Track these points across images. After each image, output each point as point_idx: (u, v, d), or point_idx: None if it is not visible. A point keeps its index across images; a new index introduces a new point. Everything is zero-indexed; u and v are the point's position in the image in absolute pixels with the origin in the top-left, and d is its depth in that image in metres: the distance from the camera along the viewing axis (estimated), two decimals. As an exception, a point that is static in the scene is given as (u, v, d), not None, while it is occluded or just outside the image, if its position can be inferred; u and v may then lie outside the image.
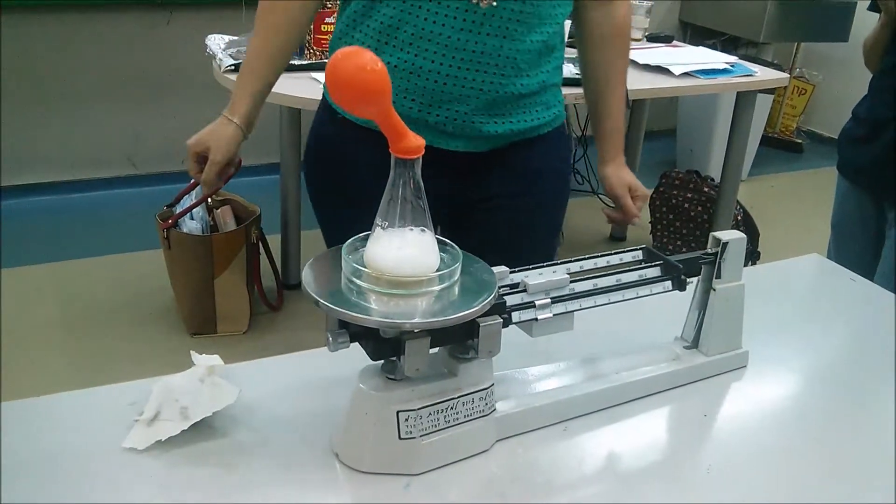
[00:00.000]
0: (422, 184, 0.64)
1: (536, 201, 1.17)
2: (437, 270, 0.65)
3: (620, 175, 1.24)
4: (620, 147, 1.25)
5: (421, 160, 0.63)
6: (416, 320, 0.62)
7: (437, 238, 0.66)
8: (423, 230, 0.65)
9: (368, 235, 0.66)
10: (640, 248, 0.81)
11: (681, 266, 0.78)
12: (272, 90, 2.05)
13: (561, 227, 1.27)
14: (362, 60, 0.61)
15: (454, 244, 0.68)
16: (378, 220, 0.65)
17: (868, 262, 1.54)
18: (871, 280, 1.15)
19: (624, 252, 0.79)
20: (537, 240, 1.21)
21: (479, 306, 0.63)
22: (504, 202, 1.14)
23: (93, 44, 3.08)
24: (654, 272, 0.77)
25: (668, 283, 0.78)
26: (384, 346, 0.64)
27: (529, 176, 1.15)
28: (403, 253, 0.63)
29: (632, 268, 0.77)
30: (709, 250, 0.81)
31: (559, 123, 1.16)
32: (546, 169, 1.17)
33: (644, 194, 1.27)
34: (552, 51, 1.09)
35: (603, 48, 1.18)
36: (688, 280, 0.78)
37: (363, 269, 0.63)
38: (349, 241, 0.67)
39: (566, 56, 1.19)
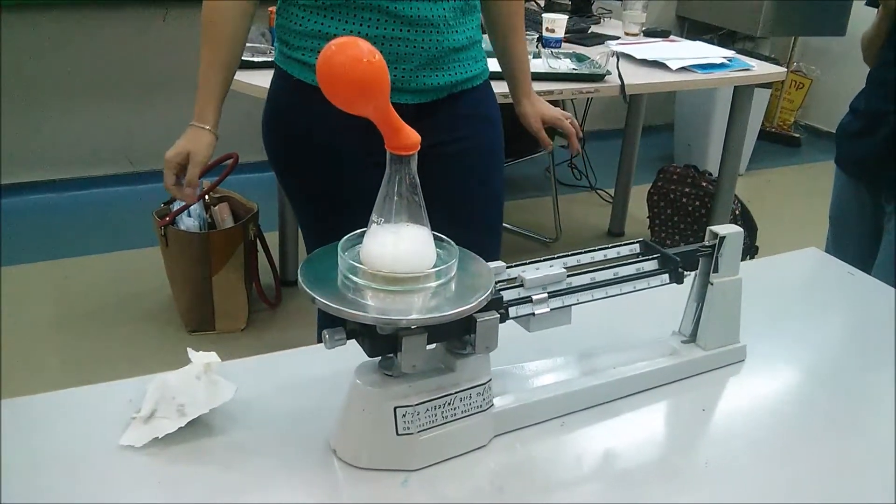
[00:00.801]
0: (417, 180, 0.64)
1: (475, 143, 1.31)
2: (434, 266, 0.64)
3: (535, 108, 1.42)
4: (529, 85, 1.43)
5: (416, 156, 0.63)
6: (412, 317, 0.62)
7: (433, 234, 0.66)
8: (419, 226, 0.64)
9: (364, 232, 0.66)
10: (638, 242, 0.81)
11: (678, 259, 0.77)
12: (266, 86, 2.06)
13: (503, 173, 1.40)
14: (359, 51, 0.58)
15: (451, 241, 0.68)
16: (374, 217, 0.64)
17: (866, 256, 1.54)
18: (869, 273, 1.15)
19: (621, 246, 0.79)
20: (483, 181, 1.35)
21: (476, 302, 0.63)
22: (448, 148, 1.27)
23: (88, 41, 3.07)
24: (651, 265, 0.77)
25: (666, 277, 0.77)
26: (381, 342, 0.64)
27: (468, 121, 1.29)
28: (400, 249, 0.63)
29: (629, 261, 0.77)
30: (706, 244, 0.81)
31: (486, 76, 1.32)
32: (480, 115, 1.32)
33: (556, 115, 1.44)
34: (473, 10, 1.25)
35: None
36: (685, 273, 0.78)
37: (359, 265, 0.63)
38: (345, 237, 0.67)
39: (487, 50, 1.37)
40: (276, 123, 1.31)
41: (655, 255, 0.78)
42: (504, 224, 3.57)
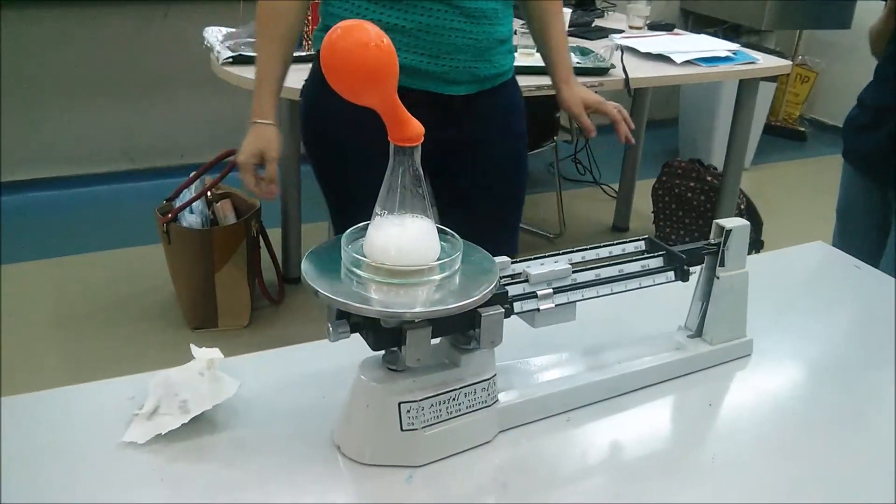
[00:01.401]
0: (421, 172, 0.63)
1: (513, 132, 1.37)
2: (438, 259, 0.64)
3: (574, 93, 1.43)
4: (570, 70, 1.44)
5: (420, 148, 0.63)
6: (416, 310, 0.61)
7: (437, 227, 0.66)
8: (423, 219, 0.64)
9: (368, 225, 0.65)
10: (643, 239, 0.80)
11: (684, 256, 0.77)
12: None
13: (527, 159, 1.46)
14: (366, 35, 0.54)
15: (455, 234, 0.67)
16: (377, 209, 0.64)
17: (873, 250, 1.54)
18: (877, 268, 1.15)
19: (626, 242, 0.78)
20: (517, 171, 1.40)
21: (480, 295, 0.62)
22: (493, 137, 1.31)
23: (89, 38, 3.07)
24: (656, 263, 0.77)
25: (671, 274, 0.77)
26: (385, 336, 0.63)
27: (506, 110, 1.34)
28: (403, 242, 0.62)
29: (634, 258, 0.76)
30: (712, 240, 0.81)
31: (513, 70, 1.36)
32: (516, 105, 1.37)
33: (597, 100, 1.44)
34: (510, 4, 1.28)
35: None
36: (691, 271, 0.78)
37: (363, 258, 0.63)
38: (348, 230, 0.66)
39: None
40: (314, 115, 1.33)
41: (661, 253, 0.77)
42: (508, 219, 3.51)
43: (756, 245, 2.68)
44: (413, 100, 1.18)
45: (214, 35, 2.21)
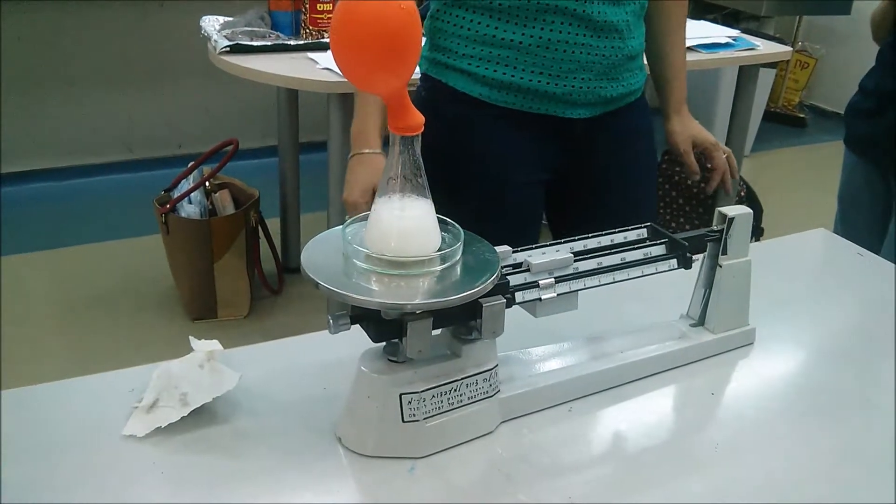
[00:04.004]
0: (421, 162, 0.62)
1: (641, 161, 1.23)
2: (439, 250, 0.63)
3: (686, 127, 1.25)
4: (683, 96, 1.26)
5: (420, 138, 0.62)
6: (417, 301, 0.61)
7: (438, 217, 0.65)
8: (423, 209, 0.63)
9: (368, 215, 0.64)
10: (645, 227, 0.79)
11: (686, 244, 0.76)
12: (267, 70, 2.04)
13: (655, 187, 1.31)
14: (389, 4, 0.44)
15: (455, 224, 0.66)
16: (377, 199, 0.63)
17: (875, 237, 1.53)
18: (879, 254, 1.14)
19: (628, 230, 0.78)
20: (645, 203, 1.25)
21: (482, 286, 0.62)
22: (614, 164, 1.18)
23: (87, 28, 3.05)
24: (658, 250, 0.76)
25: (674, 262, 0.76)
26: (386, 327, 0.63)
27: (632, 135, 1.20)
28: (404, 232, 0.62)
29: (636, 246, 0.75)
30: (714, 227, 0.80)
31: (643, 88, 1.22)
32: (643, 128, 1.22)
33: (710, 141, 1.27)
34: (644, 14, 1.15)
35: None
36: (693, 258, 0.77)
37: (363, 249, 0.62)
38: (348, 220, 0.66)
39: None
40: (427, 140, 1.18)
41: (663, 240, 0.77)
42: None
43: (756, 232, 2.68)
44: (528, 124, 1.10)
45: (211, 24, 2.19)
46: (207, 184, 2.25)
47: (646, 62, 1.23)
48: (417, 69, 1.18)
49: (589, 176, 1.18)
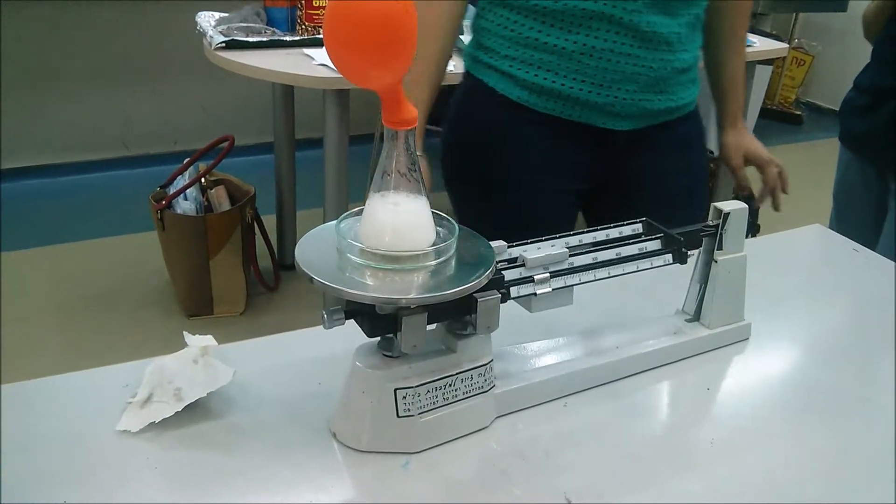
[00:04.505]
0: (416, 156, 0.62)
1: (688, 178, 1.17)
2: (433, 244, 0.63)
3: (741, 141, 1.20)
4: (741, 110, 1.21)
5: (415, 132, 0.62)
6: (412, 295, 0.60)
7: (433, 212, 0.65)
8: (418, 203, 0.63)
9: (362, 210, 0.64)
10: (640, 222, 0.79)
11: (682, 239, 0.76)
12: (262, 66, 2.03)
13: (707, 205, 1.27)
14: None
15: (451, 219, 0.66)
16: (371, 194, 0.63)
17: (870, 233, 1.53)
18: (874, 250, 1.14)
19: (624, 225, 0.78)
20: (688, 214, 1.22)
21: (476, 281, 0.61)
22: (657, 178, 1.13)
23: (83, 25, 3.04)
24: (654, 245, 0.76)
25: (669, 257, 0.76)
26: (380, 322, 0.63)
27: (679, 151, 1.15)
28: (398, 227, 0.62)
29: (632, 241, 0.75)
30: (710, 222, 0.80)
31: (696, 102, 1.17)
32: (692, 144, 1.17)
33: (764, 156, 1.23)
34: (700, 25, 1.10)
35: None
36: (689, 253, 0.77)
37: (357, 244, 0.62)
38: (342, 215, 0.65)
39: None
40: (464, 140, 1.15)
41: (658, 235, 0.77)
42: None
43: (752, 228, 2.67)
44: (567, 132, 1.06)
45: (207, 20, 2.19)
46: (203, 180, 2.24)
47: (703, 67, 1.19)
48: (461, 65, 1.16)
49: (631, 187, 1.13)
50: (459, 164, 1.17)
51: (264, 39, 2.07)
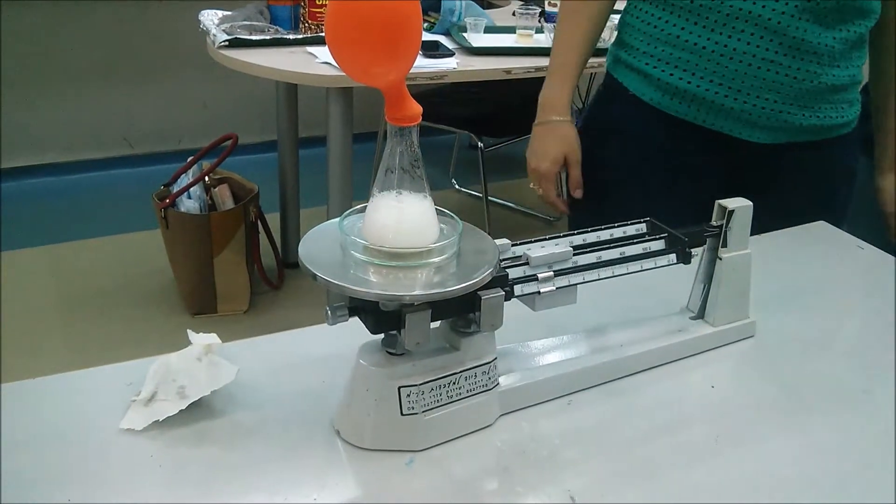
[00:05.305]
0: (419, 153, 0.62)
1: (822, 206, 1.10)
2: (437, 241, 0.63)
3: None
4: None
5: (418, 128, 0.61)
6: (416, 292, 0.60)
7: (436, 209, 0.65)
8: (421, 200, 0.63)
9: (365, 207, 0.64)
10: (645, 221, 0.79)
11: (685, 239, 0.76)
12: (266, 65, 2.03)
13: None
14: None
15: (454, 216, 0.66)
16: (375, 191, 0.63)
17: (878, 231, 1.52)
18: (880, 248, 1.14)
19: (628, 225, 0.77)
20: None
21: (480, 277, 0.61)
22: (791, 202, 1.07)
23: (86, 23, 3.05)
24: (658, 245, 0.76)
25: (673, 256, 0.76)
26: (384, 319, 0.63)
27: (820, 176, 1.09)
28: (402, 224, 0.61)
29: (636, 241, 0.75)
30: (714, 222, 0.80)
31: (856, 124, 1.10)
32: (838, 171, 1.10)
33: None
34: (864, 44, 1.04)
35: None
36: (693, 253, 0.77)
37: (361, 241, 0.62)
38: (346, 212, 0.65)
39: None
40: (590, 133, 1.15)
41: (662, 235, 0.76)
42: (507, 203, 3.54)
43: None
44: (699, 139, 1.04)
45: (210, 18, 2.19)
46: (207, 178, 2.25)
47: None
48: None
49: (755, 204, 1.12)
50: (585, 156, 1.16)
51: (268, 38, 2.07)
